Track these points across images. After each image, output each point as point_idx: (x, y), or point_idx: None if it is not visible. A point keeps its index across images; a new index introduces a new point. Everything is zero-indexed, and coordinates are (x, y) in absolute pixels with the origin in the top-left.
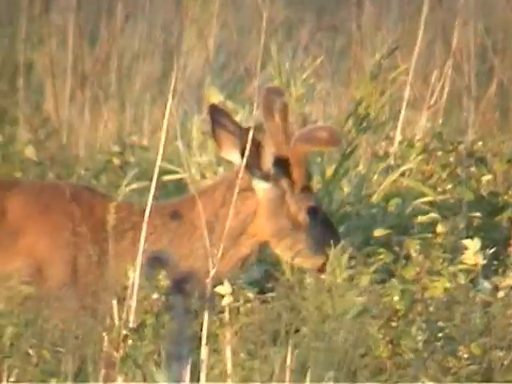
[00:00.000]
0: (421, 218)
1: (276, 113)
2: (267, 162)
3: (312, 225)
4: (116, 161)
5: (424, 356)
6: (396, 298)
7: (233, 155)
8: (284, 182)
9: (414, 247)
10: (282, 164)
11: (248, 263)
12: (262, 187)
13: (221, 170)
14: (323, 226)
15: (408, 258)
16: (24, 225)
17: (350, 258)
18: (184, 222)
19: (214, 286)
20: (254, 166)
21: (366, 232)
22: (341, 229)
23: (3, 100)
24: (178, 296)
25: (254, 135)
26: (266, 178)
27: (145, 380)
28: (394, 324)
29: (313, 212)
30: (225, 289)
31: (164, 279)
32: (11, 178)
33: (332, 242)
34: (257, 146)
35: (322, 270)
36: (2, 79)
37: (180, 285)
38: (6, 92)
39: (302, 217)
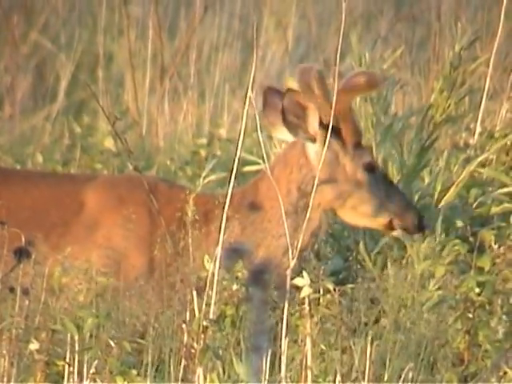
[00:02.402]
0: (494, 209)
1: (313, 84)
2: (313, 124)
3: (372, 181)
4: (203, 152)
5: (505, 347)
6: (476, 290)
7: (284, 132)
8: (334, 143)
9: (489, 238)
10: (328, 126)
11: (320, 236)
12: (312, 151)
13: None
14: (384, 183)
15: (484, 248)
16: (101, 217)
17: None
18: (253, 207)
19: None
20: (299, 128)
21: (446, 223)
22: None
23: (83, 92)
24: (255, 287)
25: (297, 98)
26: (313, 139)
27: (224, 371)
28: (470, 315)
29: (370, 168)
30: (303, 280)
31: (242, 270)
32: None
33: (396, 199)
34: (302, 110)
35: (390, 227)
36: (82, 71)
37: (258, 276)
38: (85, 84)
39: (360, 174)
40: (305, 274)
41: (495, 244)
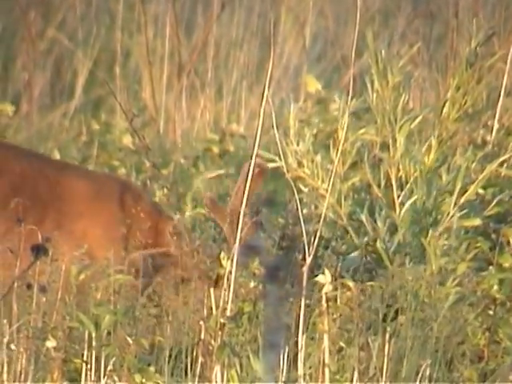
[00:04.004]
0: None
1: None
2: None
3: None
4: (215, 149)
5: None
6: (495, 287)
7: None
8: None
9: (510, 235)
10: None
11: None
12: None
13: (318, 158)
14: None
15: (504, 246)
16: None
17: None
18: None
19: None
20: None
21: (465, 221)
22: (439, 216)
23: (100, 89)
24: (271, 283)
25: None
26: None
27: (242, 368)
28: (491, 312)
29: None
30: (325, 277)
31: (258, 267)
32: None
33: None
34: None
35: None
36: (99, 68)
37: (273, 272)
38: (103, 81)
39: None
40: (326, 271)
41: None
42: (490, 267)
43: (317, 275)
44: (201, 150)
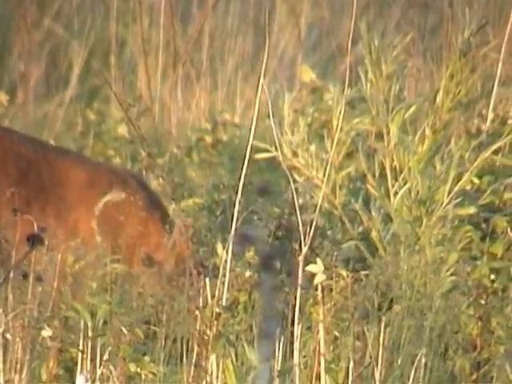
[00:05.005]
0: (507, 195)
1: None
2: None
3: None
4: (208, 138)
5: None
6: (492, 277)
7: None
8: None
9: (502, 224)
10: None
11: None
12: None
13: (312, 148)
14: None
15: (496, 235)
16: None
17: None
18: None
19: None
20: None
21: (458, 209)
22: (433, 205)
23: (96, 78)
24: (265, 272)
25: None
26: None
27: (237, 358)
28: (483, 301)
29: None
30: (317, 266)
31: (254, 257)
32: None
33: None
34: None
35: None
36: (94, 58)
37: (267, 261)
38: (98, 70)
39: None
40: (318, 260)
41: (509, 231)
42: (484, 257)
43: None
44: (194, 139)
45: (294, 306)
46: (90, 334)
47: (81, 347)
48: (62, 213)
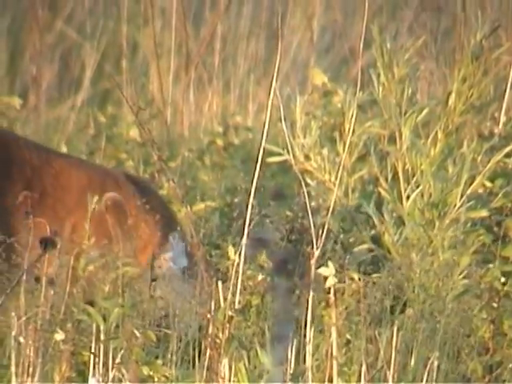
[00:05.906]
0: None
1: None
2: None
3: None
4: (219, 142)
5: None
6: (504, 280)
7: None
8: None
9: None
10: None
11: None
12: None
13: (324, 151)
14: None
15: (508, 238)
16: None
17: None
18: None
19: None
20: None
21: (471, 213)
22: (445, 208)
23: (108, 82)
24: (279, 276)
25: None
26: None
27: (250, 361)
28: (495, 305)
29: None
30: (329, 270)
31: (267, 260)
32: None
33: None
34: None
35: None
36: (106, 61)
37: (282, 265)
38: (110, 74)
39: None
40: (330, 263)
41: None
42: (496, 260)
43: None
44: (206, 142)
45: (307, 309)
46: (102, 337)
47: (93, 350)
48: (61, 217)
